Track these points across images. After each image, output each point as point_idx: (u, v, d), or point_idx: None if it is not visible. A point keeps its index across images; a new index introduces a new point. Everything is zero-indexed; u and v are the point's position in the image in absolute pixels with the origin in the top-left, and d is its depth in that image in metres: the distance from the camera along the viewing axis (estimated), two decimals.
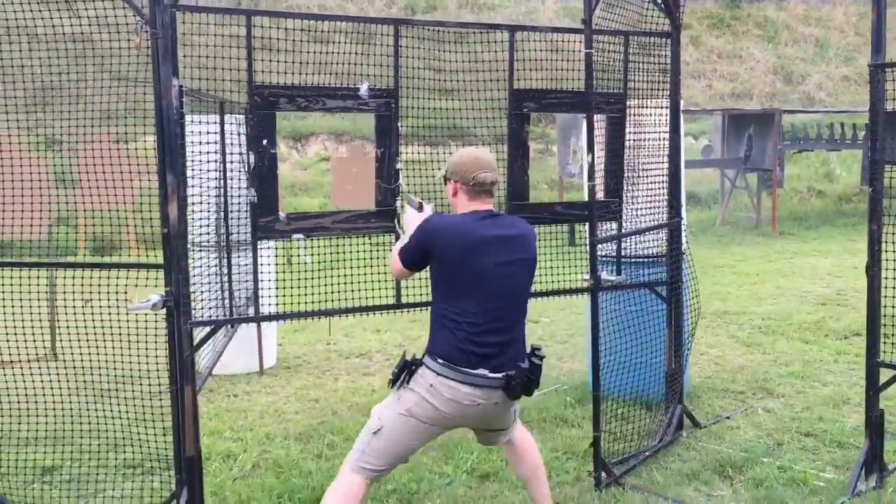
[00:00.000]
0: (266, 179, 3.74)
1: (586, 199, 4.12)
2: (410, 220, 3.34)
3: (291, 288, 3.97)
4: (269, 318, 4.09)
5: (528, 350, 3.20)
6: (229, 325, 4.71)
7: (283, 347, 6.98)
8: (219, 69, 3.82)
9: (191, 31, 3.89)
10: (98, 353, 3.93)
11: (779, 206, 15.28)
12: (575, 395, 5.38)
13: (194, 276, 3.99)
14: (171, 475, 3.95)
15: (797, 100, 22.85)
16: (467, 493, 4.02)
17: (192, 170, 4.14)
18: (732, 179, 15.70)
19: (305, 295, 3.93)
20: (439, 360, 3.05)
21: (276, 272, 5.31)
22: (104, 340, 3.89)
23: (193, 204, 4.28)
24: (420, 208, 3.44)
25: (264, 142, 3.72)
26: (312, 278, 3.93)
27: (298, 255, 3.93)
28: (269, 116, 3.73)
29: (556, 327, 7.56)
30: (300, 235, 3.84)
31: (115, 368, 4.04)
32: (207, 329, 3.89)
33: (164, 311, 3.62)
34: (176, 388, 3.66)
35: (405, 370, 3.10)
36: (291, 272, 4.12)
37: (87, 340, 3.89)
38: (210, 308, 4.33)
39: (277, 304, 4.54)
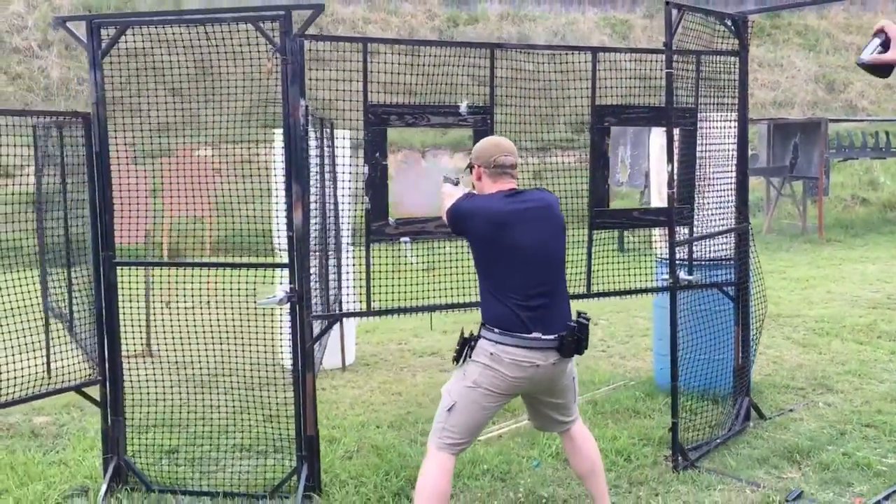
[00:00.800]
0: (377, 188, 4.17)
1: (651, 205, 4.50)
2: (448, 192, 3.67)
3: (395, 286, 4.40)
4: (380, 312, 4.47)
5: (574, 315, 3.44)
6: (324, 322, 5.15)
7: (358, 346, 7.41)
8: (335, 90, 4.25)
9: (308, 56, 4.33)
10: (215, 346, 4.41)
11: (824, 214, 15.44)
12: (643, 390, 5.73)
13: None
14: (283, 455, 4.41)
15: (839, 108, 22.89)
16: (555, 474, 4.40)
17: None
18: (778, 187, 15.88)
19: (404, 293, 4.35)
20: (496, 330, 3.31)
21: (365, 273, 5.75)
22: (227, 333, 4.36)
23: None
24: (456, 183, 3.77)
25: (377, 154, 4.15)
26: (416, 277, 4.35)
27: (405, 256, 4.35)
28: (381, 132, 4.16)
29: (616, 329, 7.90)
30: (407, 238, 4.26)
31: (234, 358, 4.51)
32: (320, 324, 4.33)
33: (288, 305, 4.07)
34: (298, 374, 4.11)
35: (465, 346, 3.40)
36: (395, 272, 4.53)
37: (205, 334, 4.36)
38: (319, 305, 4.77)
39: (377, 302, 4.96)
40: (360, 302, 5.08)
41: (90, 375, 4.39)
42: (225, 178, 5.06)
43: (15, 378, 4.12)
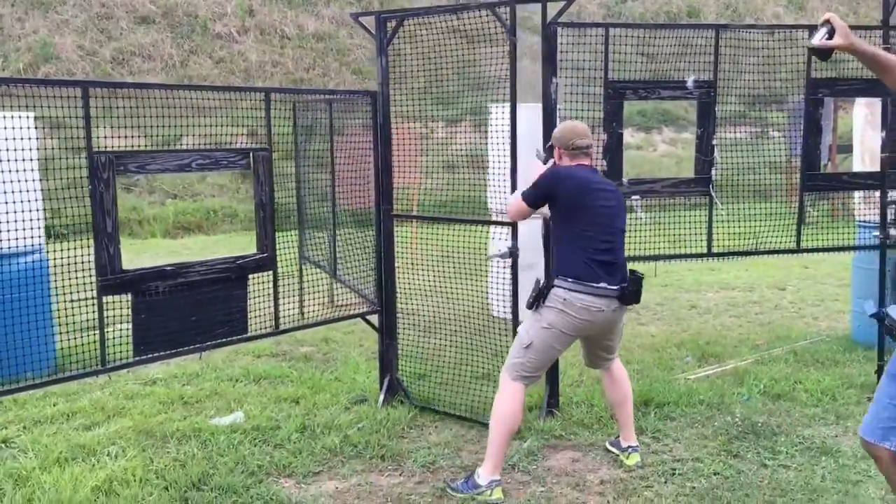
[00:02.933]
0: (614, 153, 4.86)
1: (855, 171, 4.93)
2: (536, 169, 4.22)
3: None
4: None
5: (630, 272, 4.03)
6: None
7: None
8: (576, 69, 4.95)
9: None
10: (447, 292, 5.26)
11: None
12: (840, 345, 6.15)
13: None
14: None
15: None
16: (764, 407, 4.97)
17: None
18: None
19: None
20: (570, 279, 3.87)
21: None
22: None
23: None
24: (545, 161, 4.27)
25: (613, 124, 4.83)
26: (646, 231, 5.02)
27: (635, 213, 5.03)
28: (618, 105, 4.83)
29: (805, 293, 8.24)
30: (637, 197, 4.93)
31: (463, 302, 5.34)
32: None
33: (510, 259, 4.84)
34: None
35: (540, 294, 3.94)
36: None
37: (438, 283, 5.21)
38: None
39: None
40: None
41: (368, 307, 5.36)
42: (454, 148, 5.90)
43: (293, 310, 5.15)
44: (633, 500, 3.84)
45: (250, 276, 4.54)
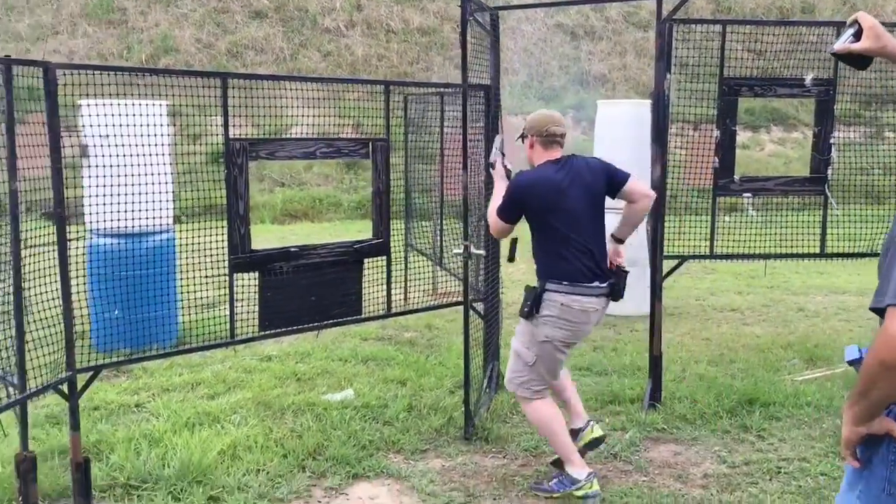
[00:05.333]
0: (727, 150, 4.85)
1: None
2: (498, 189, 4.06)
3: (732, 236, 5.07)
4: (722, 256, 5.18)
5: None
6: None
7: None
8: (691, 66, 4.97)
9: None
10: None
11: None
12: None
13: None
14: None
15: None
16: None
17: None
18: None
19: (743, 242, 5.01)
20: (564, 283, 3.73)
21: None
22: None
23: None
24: (494, 157, 4.16)
25: (727, 121, 4.82)
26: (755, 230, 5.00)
27: (746, 210, 5.01)
28: (733, 102, 4.82)
29: None
30: (749, 194, 4.90)
31: None
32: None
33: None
34: (652, 304, 4.93)
35: (536, 300, 3.77)
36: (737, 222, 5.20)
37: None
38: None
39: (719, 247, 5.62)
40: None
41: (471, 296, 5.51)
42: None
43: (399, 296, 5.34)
44: (736, 494, 3.87)
45: (365, 261, 4.76)
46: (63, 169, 3.55)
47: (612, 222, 3.99)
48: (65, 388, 3.62)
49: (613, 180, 3.90)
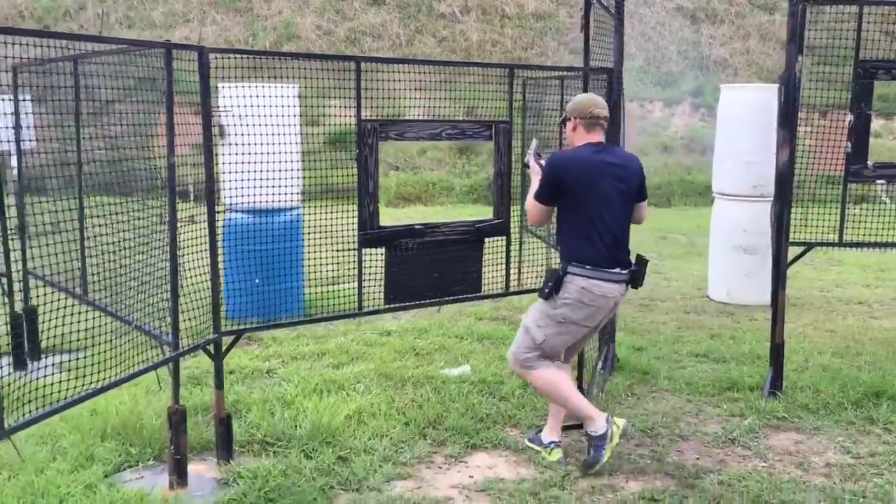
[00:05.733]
0: (861, 135, 4.71)
1: None
2: (533, 173, 4.13)
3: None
4: (854, 244, 5.03)
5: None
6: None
7: None
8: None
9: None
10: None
11: None
12: None
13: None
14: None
15: None
16: None
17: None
18: None
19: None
20: (587, 266, 3.76)
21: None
22: None
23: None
24: (539, 156, 4.21)
25: (862, 105, 4.68)
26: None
27: (880, 197, 4.85)
28: (868, 85, 4.67)
29: None
30: (882, 181, 4.75)
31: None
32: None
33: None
34: (775, 291, 4.86)
35: (557, 282, 3.80)
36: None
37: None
38: None
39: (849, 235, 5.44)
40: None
41: None
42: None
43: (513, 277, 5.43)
44: (860, 484, 3.80)
45: (486, 240, 4.89)
46: (213, 147, 3.83)
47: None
48: (211, 349, 3.93)
49: (641, 189, 4.02)
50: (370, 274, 4.51)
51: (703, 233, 11.49)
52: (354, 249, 4.43)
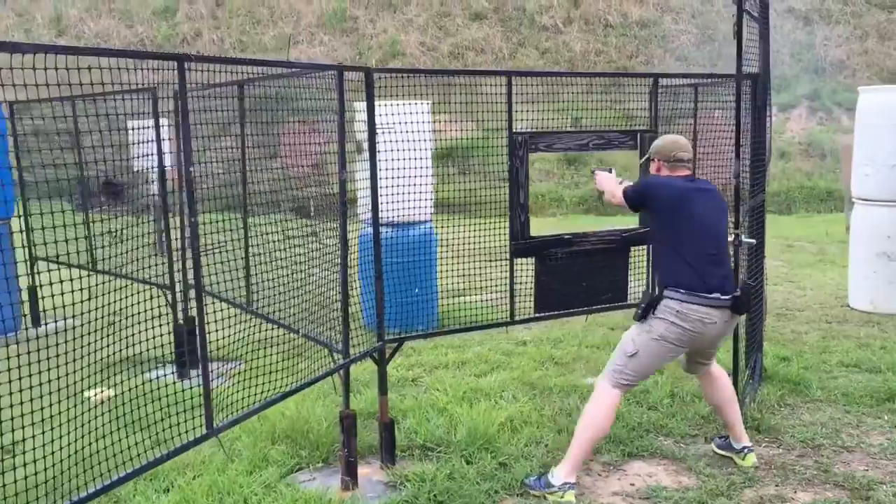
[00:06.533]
0: None
1: None
2: (606, 180, 4.22)
3: None
4: None
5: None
6: None
7: None
8: None
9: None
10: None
11: None
12: None
13: None
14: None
15: None
16: None
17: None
18: None
19: None
20: (682, 291, 3.72)
21: None
22: None
23: None
24: (610, 171, 4.27)
25: None
26: None
27: None
28: None
29: None
30: None
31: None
32: None
33: None
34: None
35: (651, 304, 3.76)
36: None
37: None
38: None
39: None
40: None
41: None
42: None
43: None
44: None
45: (632, 249, 4.90)
46: (377, 164, 4.00)
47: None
48: (376, 356, 4.09)
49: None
50: (521, 284, 4.60)
51: (832, 240, 11.15)
52: (496, 261, 4.53)
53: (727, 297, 3.80)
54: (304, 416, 4.47)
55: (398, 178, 4.60)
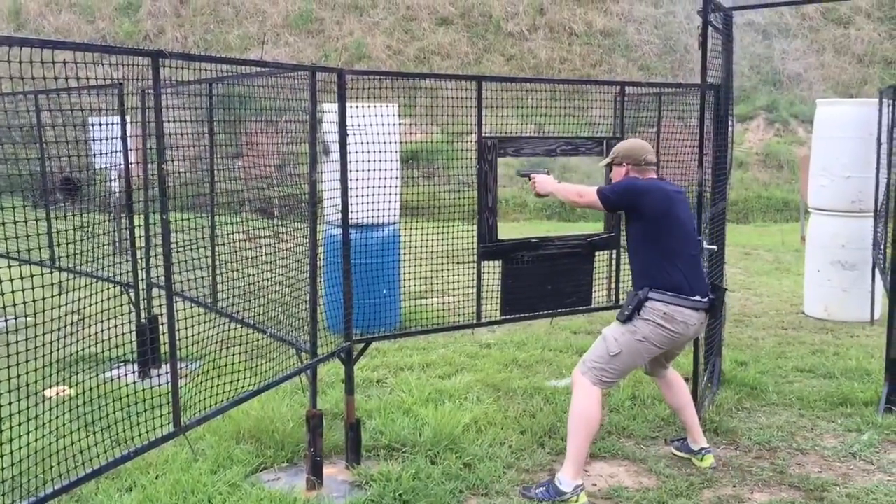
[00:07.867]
0: None
1: None
2: (550, 182, 4.22)
3: None
4: None
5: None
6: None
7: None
8: None
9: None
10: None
11: None
12: None
13: None
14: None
15: None
16: None
17: None
18: None
19: None
20: (668, 293, 3.79)
21: None
22: None
23: None
24: (547, 173, 4.30)
25: None
26: None
27: None
28: None
29: None
30: None
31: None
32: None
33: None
34: (891, 306, 4.83)
35: (637, 307, 3.81)
36: None
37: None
38: None
39: None
40: None
41: None
42: None
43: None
44: None
45: (597, 253, 4.98)
46: (348, 164, 4.01)
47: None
48: (343, 356, 4.10)
49: None
50: (486, 287, 4.64)
51: (788, 249, 11.42)
52: (461, 264, 4.57)
53: (706, 300, 3.90)
54: (270, 416, 4.45)
55: (365, 179, 4.62)
